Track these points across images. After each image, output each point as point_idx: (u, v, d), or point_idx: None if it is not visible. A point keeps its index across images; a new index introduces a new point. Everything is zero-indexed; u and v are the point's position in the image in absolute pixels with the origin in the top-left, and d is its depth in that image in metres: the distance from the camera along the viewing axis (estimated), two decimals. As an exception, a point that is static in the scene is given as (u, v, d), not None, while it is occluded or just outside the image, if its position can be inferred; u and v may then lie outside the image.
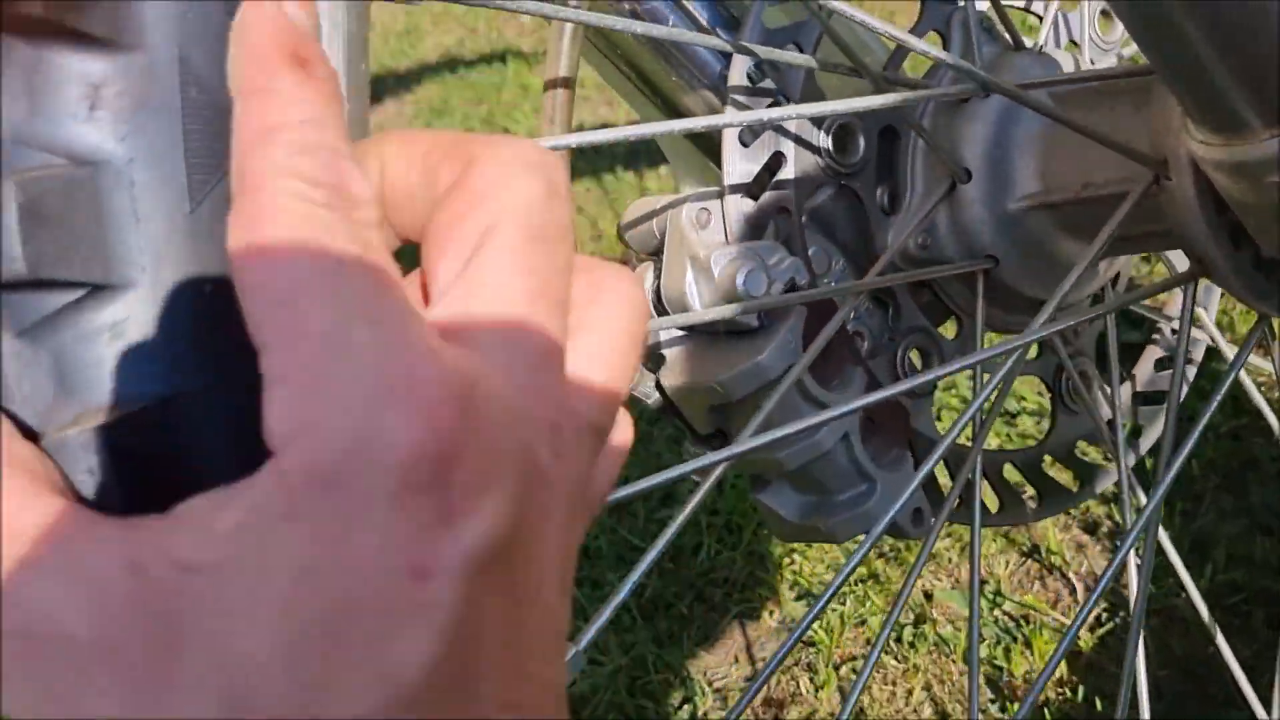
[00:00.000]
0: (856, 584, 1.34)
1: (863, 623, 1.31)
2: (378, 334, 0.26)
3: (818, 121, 0.70)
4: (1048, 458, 0.83)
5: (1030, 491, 0.86)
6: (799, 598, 1.35)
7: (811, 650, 1.29)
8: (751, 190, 0.69)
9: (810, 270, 0.70)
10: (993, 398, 0.66)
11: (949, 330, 0.79)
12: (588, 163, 2.04)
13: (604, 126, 2.01)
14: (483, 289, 0.29)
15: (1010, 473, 0.83)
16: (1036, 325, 0.62)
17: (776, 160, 0.69)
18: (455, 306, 0.29)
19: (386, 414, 0.25)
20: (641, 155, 2.02)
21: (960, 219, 0.73)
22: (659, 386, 0.71)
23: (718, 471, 0.59)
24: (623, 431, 0.34)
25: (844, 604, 1.33)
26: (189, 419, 0.35)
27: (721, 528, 1.42)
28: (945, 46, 0.76)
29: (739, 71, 0.68)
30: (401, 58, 2.58)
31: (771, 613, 1.34)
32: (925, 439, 0.76)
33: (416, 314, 0.28)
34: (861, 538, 0.66)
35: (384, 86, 2.36)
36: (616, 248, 1.83)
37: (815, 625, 1.32)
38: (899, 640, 1.28)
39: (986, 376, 0.66)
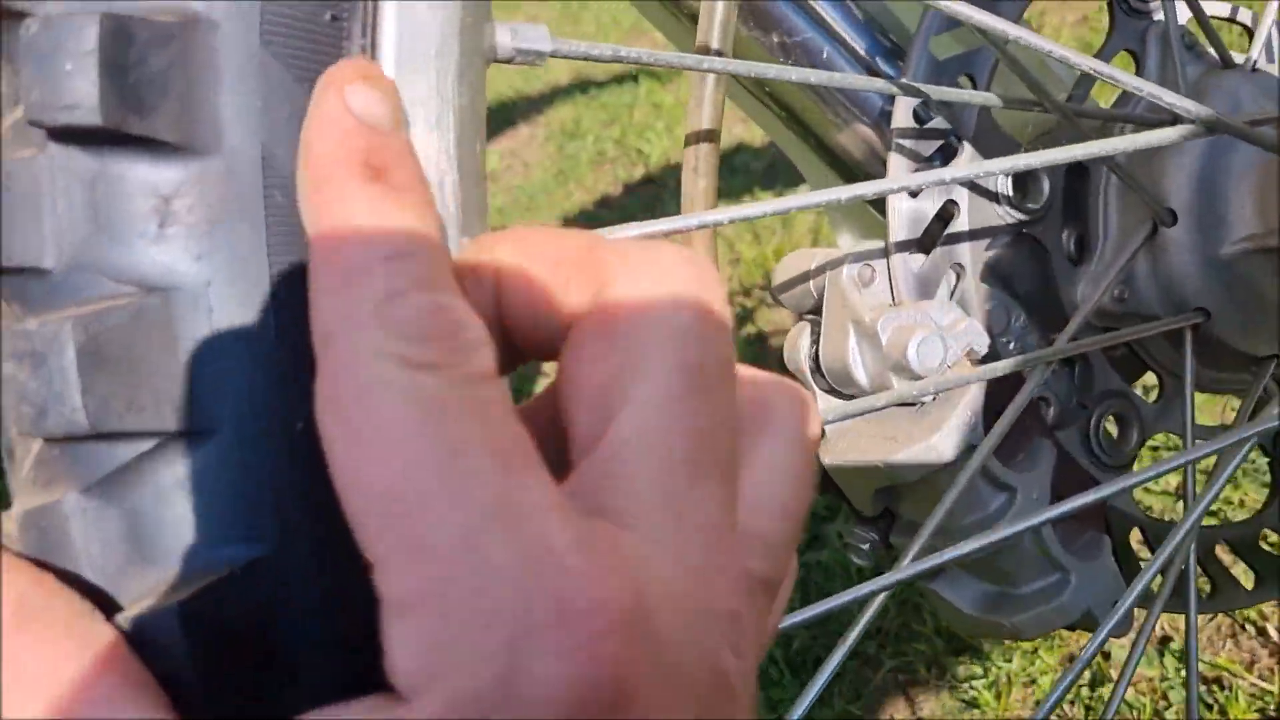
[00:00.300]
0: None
1: (1032, 682, 1.21)
2: (516, 544, 0.21)
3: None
4: (1268, 532, 0.73)
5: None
6: (958, 652, 1.25)
7: (975, 713, 1.19)
8: (922, 244, 0.61)
9: (989, 332, 0.62)
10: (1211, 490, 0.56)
11: (1141, 380, 0.70)
12: (723, 181, 1.97)
13: (739, 149, 1.93)
14: (635, 455, 0.24)
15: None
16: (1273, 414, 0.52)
17: (948, 210, 0.61)
18: (604, 474, 0.24)
19: (537, 655, 0.21)
20: (780, 172, 1.94)
21: (1163, 267, 0.63)
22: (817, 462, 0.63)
23: (879, 601, 0.51)
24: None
25: (1010, 660, 1.22)
26: (276, 588, 0.29)
27: (872, 572, 1.33)
28: (1138, 68, 0.67)
29: (904, 113, 0.60)
30: (533, 80, 2.56)
31: (929, 667, 1.25)
32: (1120, 514, 0.67)
33: (559, 502, 0.23)
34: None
35: (515, 111, 2.33)
36: (755, 273, 1.75)
37: (979, 684, 1.22)
38: (1073, 702, 1.18)
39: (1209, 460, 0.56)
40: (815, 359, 0.63)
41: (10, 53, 0.30)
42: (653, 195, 1.96)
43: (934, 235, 0.61)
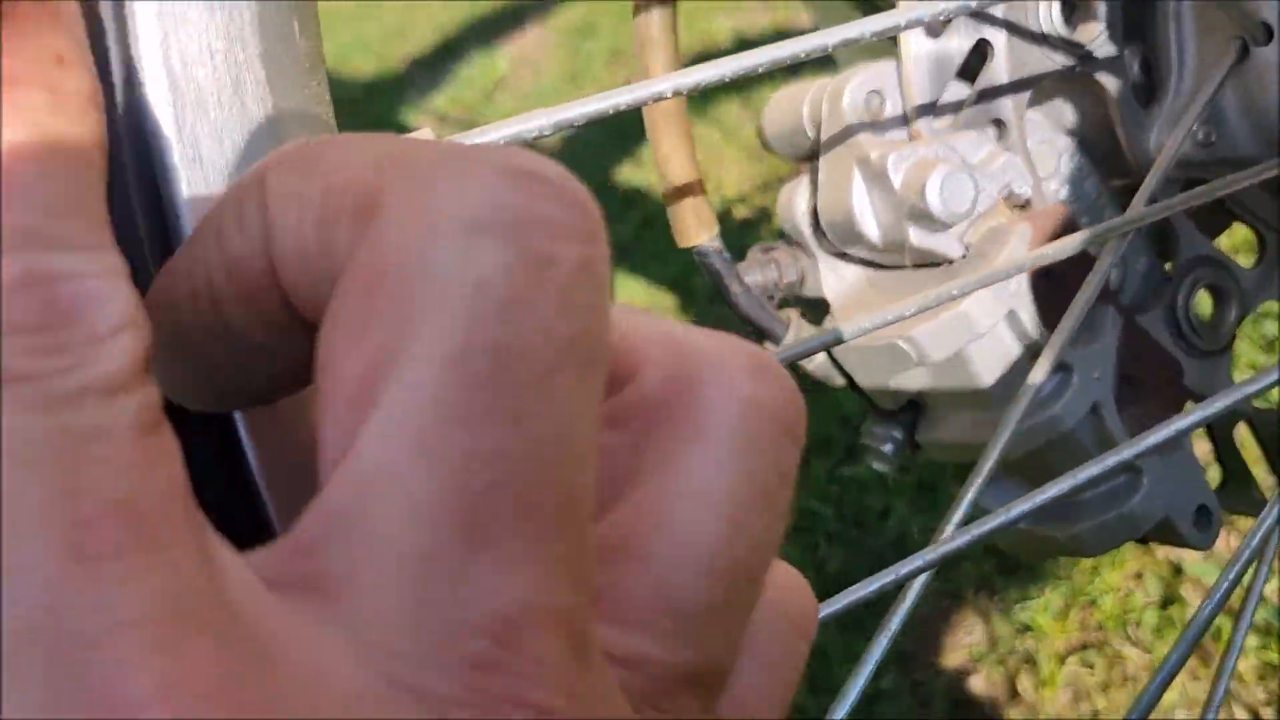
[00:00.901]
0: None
1: (1093, 603, 1.09)
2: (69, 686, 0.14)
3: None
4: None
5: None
6: (1008, 571, 1.13)
7: (1030, 637, 1.08)
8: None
9: (1032, 172, 0.49)
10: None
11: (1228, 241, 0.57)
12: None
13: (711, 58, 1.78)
14: (378, 498, 0.16)
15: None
16: None
17: (980, 50, 0.48)
18: (330, 526, 0.16)
19: None
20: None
21: (1258, 97, 0.50)
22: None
23: (920, 583, 0.39)
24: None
25: (1068, 578, 1.11)
26: None
27: (914, 489, 1.21)
28: None
29: None
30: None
31: (977, 590, 1.13)
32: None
33: (193, 606, 0.15)
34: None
35: (523, 13, 2.20)
36: (739, 205, 1.62)
37: (1033, 605, 1.10)
38: (1138, 624, 1.06)
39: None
40: (815, 215, 0.50)
41: None
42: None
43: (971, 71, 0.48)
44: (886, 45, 0.51)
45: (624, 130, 1.71)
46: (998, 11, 0.48)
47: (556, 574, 0.16)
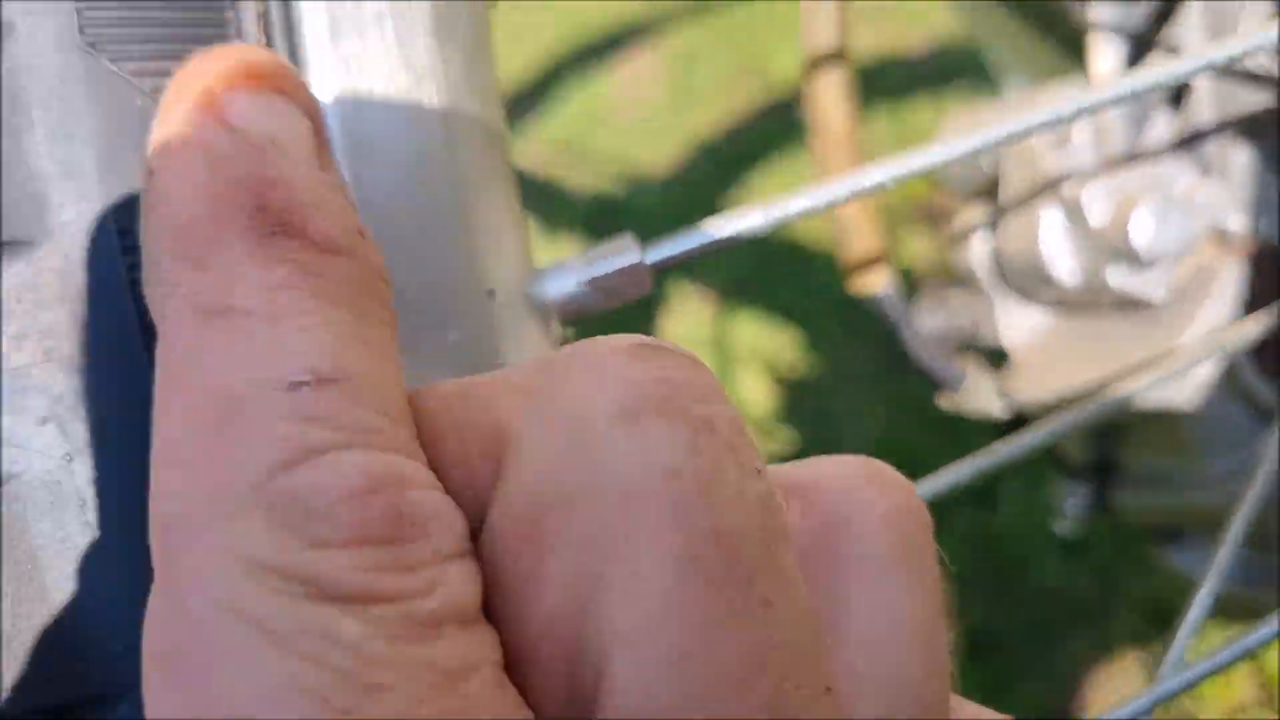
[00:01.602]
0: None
1: (1254, 658, 1.02)
2: None
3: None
4: None
5: None
6: (1159, 623, 1.06)
7: (1197, 701, 1.01)
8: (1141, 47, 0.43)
9: (1243, 200, 0.44)
10: None
11: None
12: (879, 89, 1.77)
13: (886, 57, 1.73)
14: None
15: None
16: None
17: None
18: None
19: None
20: (948, 71, 1.72)
21: None
22: (1004, 396, 0.46)
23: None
24: None
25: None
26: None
27: (1090, 570, 1.14)
28: None
29: None
30: (642, 4, 2.41)
31: (1131, 647, 1.06)
32: None
33: None
34: None
35: (626, 39, 2.18)
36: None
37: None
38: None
39: None
40: (996, 255, 0.45)
41: None
42: (783, 119, 1.79)
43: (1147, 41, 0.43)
44: (1066, 61, 0.47)
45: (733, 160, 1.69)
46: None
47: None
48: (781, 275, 1.42)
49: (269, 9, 0.22)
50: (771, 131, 1.82)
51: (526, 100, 2.19)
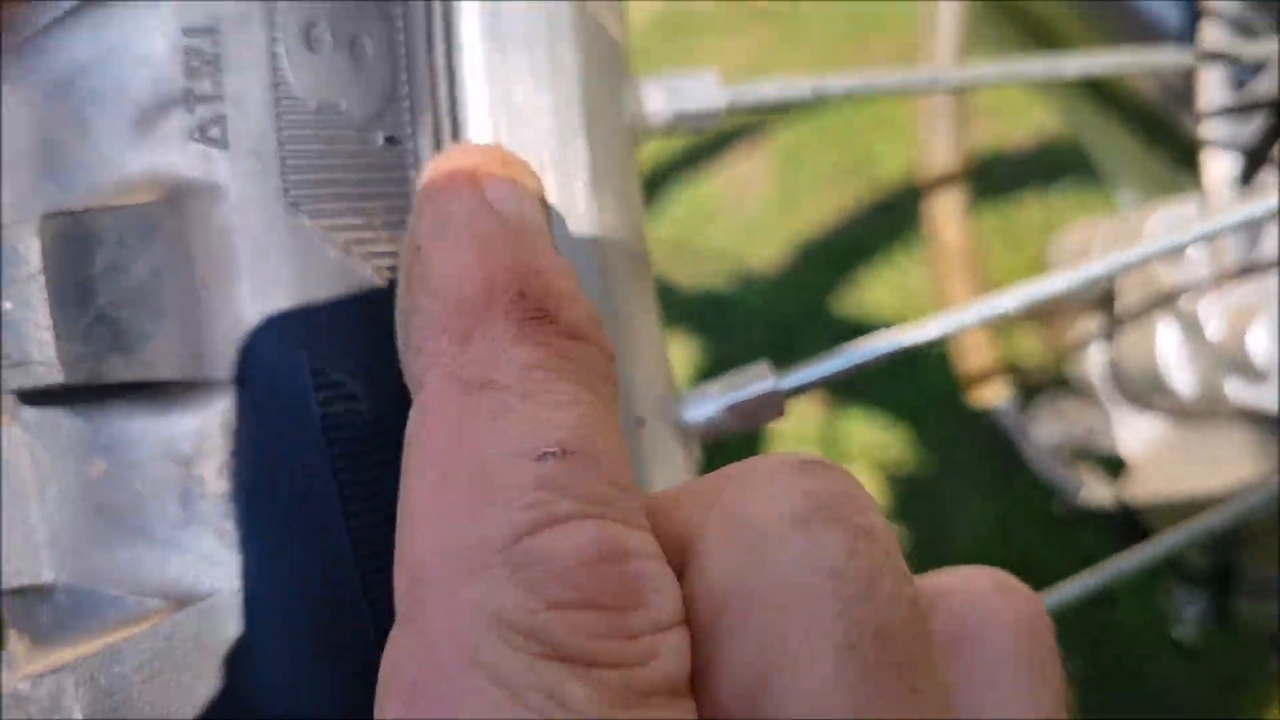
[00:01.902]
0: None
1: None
2: None
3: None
4: None
5: None
6: None
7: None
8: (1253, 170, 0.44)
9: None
10: None
11: None
12: (986, 186, 1.76)
13: (1000, 153, 1.74)
14: None
15: None
16: None
17: None
18: None
19: None
20: (1055, 168, 1.72)
21: None
22: (1122, 505, 0.47)
23: None
24: None
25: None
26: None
27: (1210, 677, 1.08)
28: None
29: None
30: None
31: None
32: None
33: None
34: None
35: (731, 138, 2.23)
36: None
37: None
38: None
39: None
40: (1112, 366, 0.47)
41: None
42: (889, 217, 1.80)
43: (1260, 157, 0.44)
44: (1177, 172, 0.48)
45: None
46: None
47: None
48: (890, 371, 1.42)
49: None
50: (877, 229, 1.83)
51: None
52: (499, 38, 0.24)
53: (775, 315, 1.86)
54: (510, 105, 0.24)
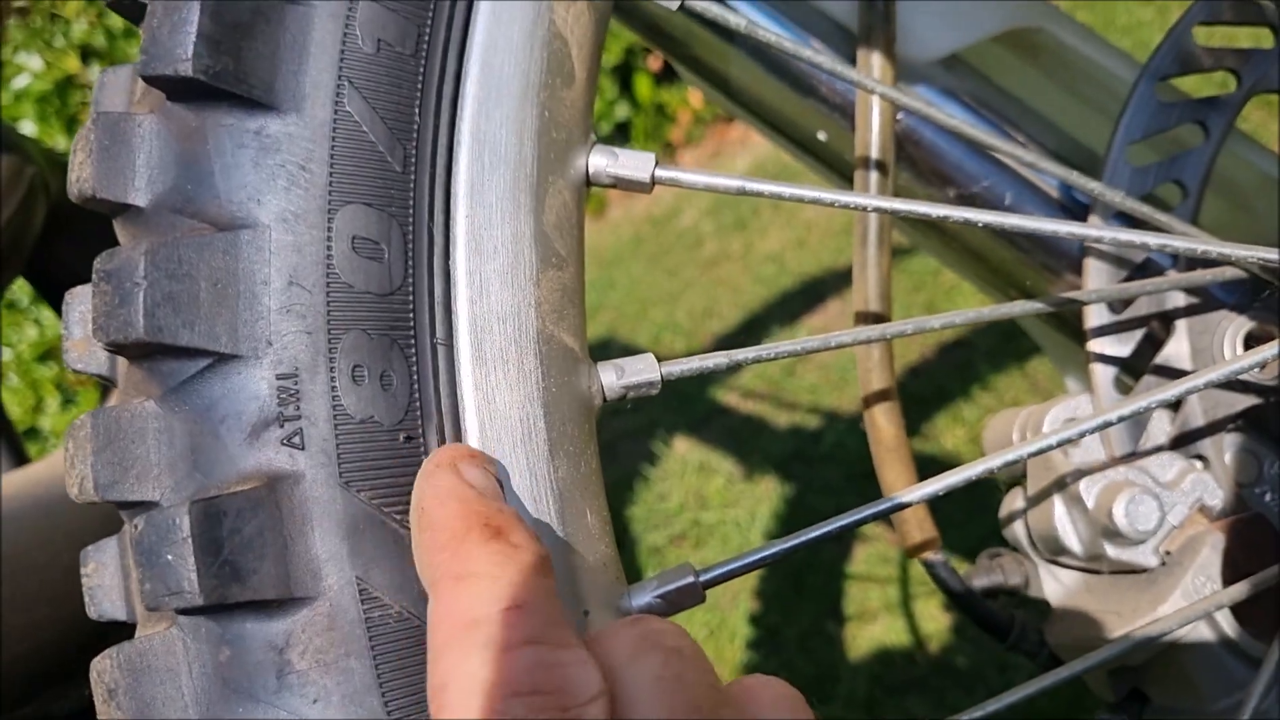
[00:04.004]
0: None
1: None
2: None
3: (1205, 262, 0.55)
4: None
5: None
6: None
7: None
8: (1136, 372, 0.54)
9: (1233, 480, 0.54)
10: None
11: None
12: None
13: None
14: None
15: None
16: None
17: (1162, 330, 0.55)
18: None
19: None
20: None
21: None
22: (1042, 641, 0.57)
23: None
24: None
25: None
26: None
27: None
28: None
29: (1101, 221, 0.55)
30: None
31: None
32: None
33: None
34: None
35: (825, 289, 2.33)
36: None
37: None
38: None
39: None
40: (1029, 529, 0.57)
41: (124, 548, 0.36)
42: (956, 368, 1.87)
43: (1144, 362, 0.55)
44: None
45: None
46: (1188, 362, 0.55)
47: None
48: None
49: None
50: (948, 375, 1.88)
51: (735, 345, 2.34)
52: (483, 360, 0.37)
53: (863, 455, 1.92)
54: (492, 409, 0.36)
